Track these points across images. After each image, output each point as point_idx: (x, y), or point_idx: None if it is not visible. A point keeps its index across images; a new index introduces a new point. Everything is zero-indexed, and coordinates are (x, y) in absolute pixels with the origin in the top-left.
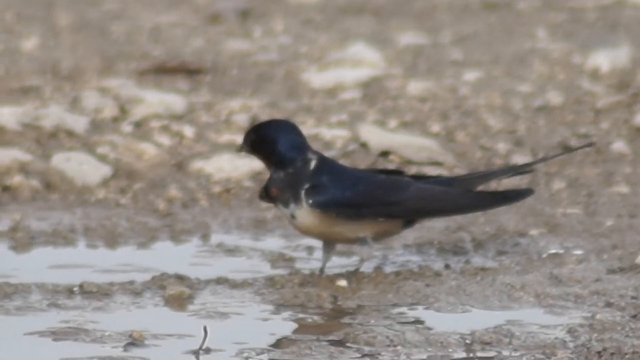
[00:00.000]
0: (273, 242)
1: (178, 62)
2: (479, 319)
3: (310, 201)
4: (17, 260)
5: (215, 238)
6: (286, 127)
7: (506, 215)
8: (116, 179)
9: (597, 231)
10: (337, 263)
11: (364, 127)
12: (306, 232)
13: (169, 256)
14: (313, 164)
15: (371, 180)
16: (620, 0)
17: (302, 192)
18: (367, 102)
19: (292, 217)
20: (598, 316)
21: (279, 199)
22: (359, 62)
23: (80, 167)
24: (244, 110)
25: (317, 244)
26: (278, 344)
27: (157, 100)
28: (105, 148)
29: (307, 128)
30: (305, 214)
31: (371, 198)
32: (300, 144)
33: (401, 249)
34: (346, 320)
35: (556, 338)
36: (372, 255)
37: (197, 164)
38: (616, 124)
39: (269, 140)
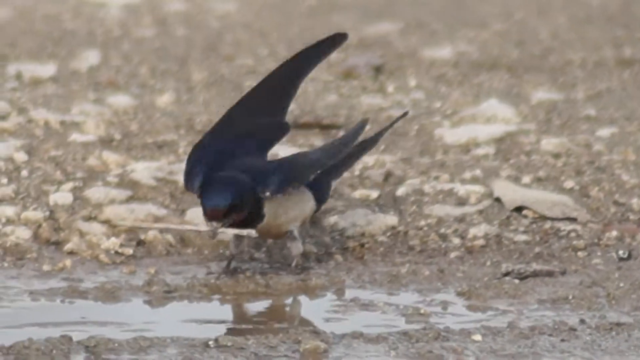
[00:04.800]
0: (407, 297)
1: (312, 117)
2: None
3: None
4: (153, 314)
5: (349, 293)
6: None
7: None
8: None
9: None
10: (473, 318)
11: (498, 182)
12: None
13: (304, 311)
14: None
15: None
16: None
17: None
18: (500, 158)
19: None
20: None
21: None
22: (492, 118)
23: None
24: (378, 165)
25: (452, 299)
26: None
27: (289, 154)
28: None
29: (441, 183)
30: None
31: None
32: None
33: (536, 304)
34: None
35: None
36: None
37: (332, 218)
38: None
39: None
